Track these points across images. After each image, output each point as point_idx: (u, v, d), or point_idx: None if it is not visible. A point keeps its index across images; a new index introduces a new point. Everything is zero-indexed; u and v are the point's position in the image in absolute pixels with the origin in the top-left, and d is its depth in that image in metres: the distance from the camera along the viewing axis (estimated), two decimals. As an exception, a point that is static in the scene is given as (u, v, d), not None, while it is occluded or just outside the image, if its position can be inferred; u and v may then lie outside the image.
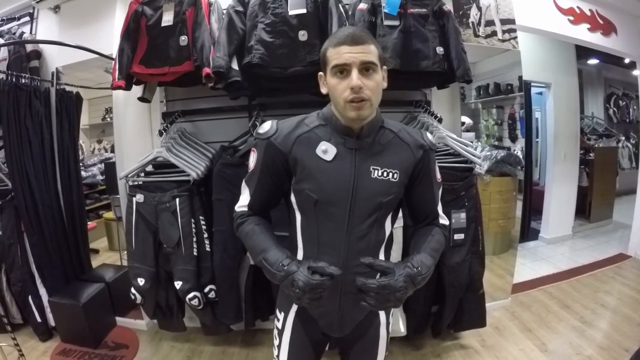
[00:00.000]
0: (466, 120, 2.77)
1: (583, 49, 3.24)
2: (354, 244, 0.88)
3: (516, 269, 2.61)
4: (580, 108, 3.91)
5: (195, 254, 1.80)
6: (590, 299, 2.52)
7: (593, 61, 4.73)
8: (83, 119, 2.82)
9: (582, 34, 2.74)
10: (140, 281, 1.80)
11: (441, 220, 1.00)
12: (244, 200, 0.98)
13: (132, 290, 1.83)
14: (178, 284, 1.78)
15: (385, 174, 0.88)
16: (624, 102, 5.35)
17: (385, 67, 0.88)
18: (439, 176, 0.99)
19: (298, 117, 0.93)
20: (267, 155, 0.90)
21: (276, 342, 1.05)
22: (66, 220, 2.35)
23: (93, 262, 2.65)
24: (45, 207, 2.19)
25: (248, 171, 0.97)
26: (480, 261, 1.91)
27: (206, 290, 1.84)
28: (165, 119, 2.03)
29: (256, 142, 0.93)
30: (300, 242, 0.94)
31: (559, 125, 3.51)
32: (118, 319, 2.36)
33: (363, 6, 1.70)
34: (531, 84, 3.33)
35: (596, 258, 3.23)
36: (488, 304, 2.07)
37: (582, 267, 3.05)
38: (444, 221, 1.01)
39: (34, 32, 2.42)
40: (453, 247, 1.80)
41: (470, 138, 2.61)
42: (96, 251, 3.06)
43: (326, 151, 0.87)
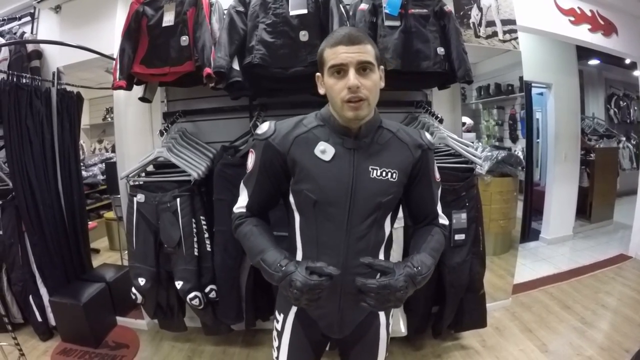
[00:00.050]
0: (467, 120, 2.78)
1: (584, 50, 3.23)
2: (353, 244, 0.88)
3: (517, 269, 2.60)
4: (581, 109, 3.91)
5: (196, 254, 1.80)
6: (591, 300, 2.52)
7: (594, 62, 4.71)
8: (84, 118, 2.82)
9: (583, 34, 2.74)
10: (141, 281, 1.80)
11: (441, 220, 1.00)
12: (242, 201, 0.97)
13: (133, 290, 1.84)
14: (179, 284, 1.79)
15: (384, 173, 0.88)
16: (624, 103, 5.35)
17: (382, 67, 0.88)
18: (438, 176, 0.99)
19: (296, 118, 0.93)
20: (266, 156, 0.90)
21: (275, 344, 1.05)
22: (67, 220, 2.35)
23: (94, 262, 2.66)
24: (46, 207, 2.19)
25: (244, 173, 0.96)
26: (480, 261, 1.91)
27: (207, 290, 1.84)
28: (166, 119, 2.03)
29: (254, 143, 0.93)
30: (299, 243, 0.94)
31: (559, 126, 3.51)
32: (119, 318, 2.37)
33: (364, 6, 1.70)
34: (532, 84, 3.33)
35: (597, 259, 3.23)
36: (488, 304, 2.07)
37: (582, 268, 3.05)
38: (443, 221, 1.00)
39: (35, 32, 2.42)
40: (454, 247, 1.80)
41: (471, 138, 2.61)
42: (97, 251, 3.06)
43: (324, 151, 0.87)
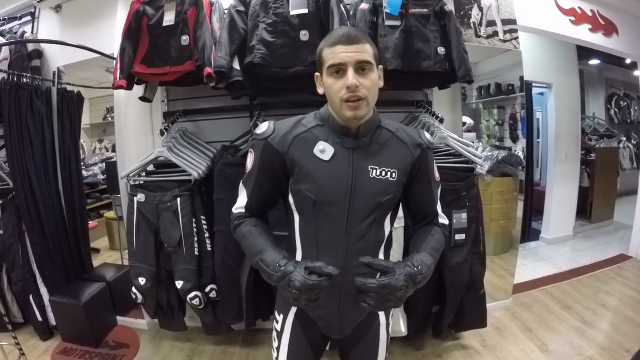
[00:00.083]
0: (467, 120, 2.78)
1: (584, 50, 3.23)
2: (353, 244, 0.87)
3: (517, 269, 2.60)
4: (581, 109, 3.90)
5: (196, 253, 1.80)
6: (591, 300, 2.52)
7: (594, 62, 4.71)
8: (84, 118, 2.83)
9: (584, 34, 2.74)
10: (142, 281, 1.80)
11: (441, 220, 1.00)
12: (241, 202, 0.97)
13: (133, 289, 1.84)
14: (179, 284, 1.79)
15: (383, 173, 0.88)
16: (625, 103, 5.34)
17: (381, 67, 0.88)
18: (437, 175, 0.99)
19: (295, 118, 0.93)
20: (265, 156, 0.90)
21: (275, 345, 1.04)
22: (67, 220, 2.35)
23: (94, 262, 2.66)
24: (46, 207, 2.19)
25: (245, 173, 0.96)
26: (481, 262, 1.91)
27: (207, 290, 1.84)
28: (166, 118, 2.03)
29: (253, 143, 0.93)
30: (298, 244, 0.94)
31: (560, 126, 3.51)
32: (119, 318, 2.37)
33: (365, 6, 1.70)
34: (532, 84, 3.32)
35: (597, 259, 3.23)
36: (489, 304, 2.07)
37: (583, 268, 3.05)
38: (443, 221, 1.00)
39: (35, 31, 2.42)
40: (454, 247, 1.80)
41: (472, 138, 2.60)
42: (97, 251, 3.06)
43: (324, 151, 0.87)
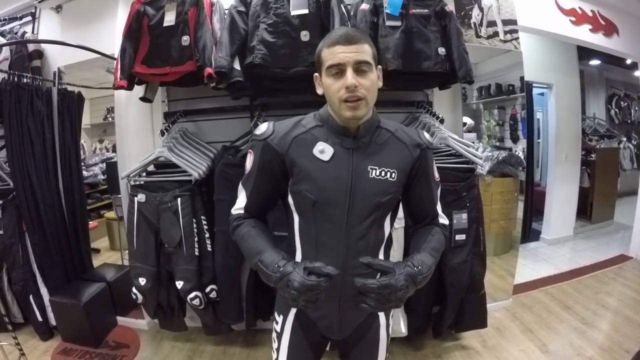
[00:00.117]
0: (468, 120, 2.78)
1: (585, 50, 3.23)
2: (352, 244, 0.87)
3: (517, 269, 2.60)
4: (581, 109, 3.91)
5: (196, 253, 1.80)
6: (592, 300, 2.52)
7: (595, 62, 4.71)
8: (85, 118, 2.83)
9: (584, 34, 2.74)
10: (142, 281, 1.80)
11: (441, 220, 1.00)
12: (240, 202, 0.97)
13: (133, 289, 1.84)
14: (179, 284, 1.79)
15: (383, 173, 0.88)
16: (625, 103, 5.34)
17: (380, 67, 0.88)
18: (437, 175, 0.99)
19: (295, 118, 0.93)
20: (264, 156, 0.90)
21: (275, 346, 1.04)
22: (67, 220, 2.35)
23: (94, 262, 2.66)
24: (46, 207, 2.19)
25: (244, 173, 0.96)
26: (481, 262, 1.91)
27: (207, 290, 1.84)
28: (167, 118, 2.03)
29: (253, 144, 0.93)
30: (298, 244, 0.94)
31: (560, 126, 3.51)
32: (119, 318, 2.37)
33: (365, 6, 1.70)
34: (533, 84, 3.32)
35: (597, 259, 3.23)
36: (489, 304, 2.07)
37: (583, 268, 3.05)
38: (443, 221, 1.00)
39: (35, 31, 2.42)
40: (454, 247, 1.80)
41: (472, 139, 2.61)
42: (97, 251, 3.07)
43: (323, 151, 0.87)
